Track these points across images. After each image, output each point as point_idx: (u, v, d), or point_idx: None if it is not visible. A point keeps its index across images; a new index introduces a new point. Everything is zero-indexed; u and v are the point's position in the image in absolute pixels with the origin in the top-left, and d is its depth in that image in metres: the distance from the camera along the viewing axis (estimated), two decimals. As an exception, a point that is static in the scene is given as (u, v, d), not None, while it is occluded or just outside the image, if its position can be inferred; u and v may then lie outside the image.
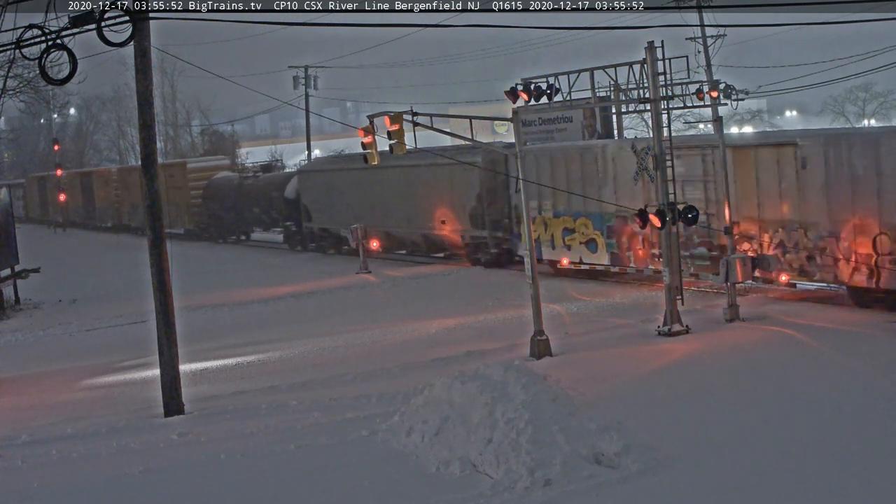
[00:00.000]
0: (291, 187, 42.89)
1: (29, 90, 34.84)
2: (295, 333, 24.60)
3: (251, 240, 49.27)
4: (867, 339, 18.93)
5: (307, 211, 41.52)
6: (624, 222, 26.88)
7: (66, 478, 14.28)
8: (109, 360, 23.39)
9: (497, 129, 73.63)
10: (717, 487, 12.06)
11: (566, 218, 29.29)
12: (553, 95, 21.64)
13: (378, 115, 20.36)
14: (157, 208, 17.65)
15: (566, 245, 29.30)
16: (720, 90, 37.82)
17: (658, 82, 20.79)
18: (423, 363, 19.80)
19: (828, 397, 15.32)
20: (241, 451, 14.81)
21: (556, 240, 29.62)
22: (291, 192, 42.67)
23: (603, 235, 28.10)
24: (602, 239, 28.14)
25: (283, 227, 44.31)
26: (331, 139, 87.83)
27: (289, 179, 44.08)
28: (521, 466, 12.50)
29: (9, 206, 34.61)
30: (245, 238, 49.45)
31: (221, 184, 49.41)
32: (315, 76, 65.75)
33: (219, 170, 52.77)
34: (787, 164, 22.89)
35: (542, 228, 29.63)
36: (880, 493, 11.59)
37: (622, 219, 26.87)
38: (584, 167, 28.33)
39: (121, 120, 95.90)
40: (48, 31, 14.72)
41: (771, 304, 23.27)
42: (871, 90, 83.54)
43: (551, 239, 29.69)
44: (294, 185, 42.91)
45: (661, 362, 18.50)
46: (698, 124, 44.02)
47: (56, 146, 75.58)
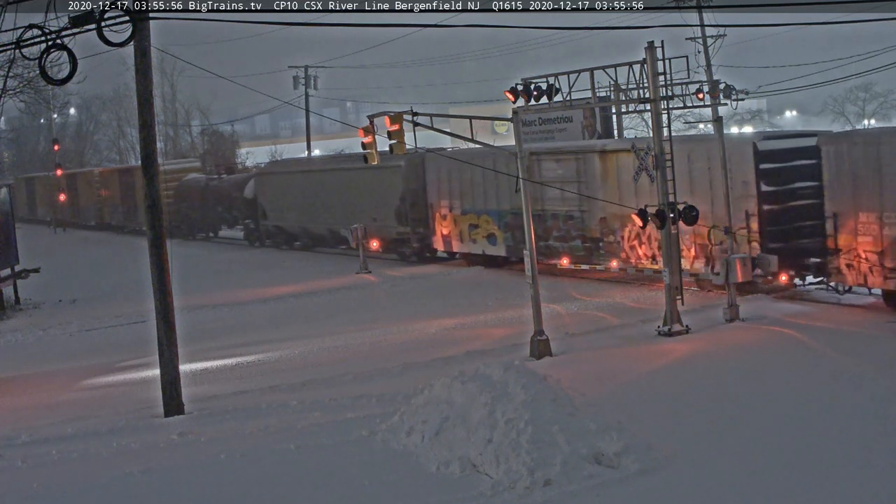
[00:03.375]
0: (250, 188, 46.55)
1: (29, 90, 34.82)
2: (295, 333, 24.60)
3: (219, 237, 52.31)
4: (867, 339, 18.94)
5: (263, 210, 45.17)
6: (516, 218, 28.53)
7: (66, 478, 14.27)
8: (109, 360, 23.38)
9: (497, 129, 73.52)
10: (717, 487, 12.06)
11: (471, 215, 32.61)
12: (553, 95, 21.62)
13: (378, 115, 20.37)
14: (158, 208, 17.65)
15: (472, 239, 32.77)
16: (720, 90, 37.84)
17: (658, 82, 20.80)
18: (423, 363, 19.80)
19: (827, 397, 15.33)
20: (241, 451, 14.80)
21: (463, 234, 33.10)
22: (250, 192, 46.34)
23: (501, 230, 31.26)
24: (500, 233, 31.38)
25: (243, 224, 48.10)
26: (331, 139, 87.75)
27: (248, 181, 47.70)
28: (521, 466, 12.50)
29: (9, 206, 34.60)
30: (213, 235, 52.68)
31: (191, 185, 52.81)
32: (315, 76, 65.69)
33: (189, 172, 55.74)
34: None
35: (453, 224, 33.27)
36: (880, 492, 11.59)
37: (515, 215, 28.86)
38: (484, 172, 30.35)
39: (121, 120, 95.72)
40: (48, 31, 14.71)
41: (771, 304, 23.27)
42: (871, 90, 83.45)
43: (460, 234, 33.22)
44: (252, 186, 46.52)
45: (661, 362, 18.51)
46: (698, 124, 44.06)
47: (56, 146, 75.52)
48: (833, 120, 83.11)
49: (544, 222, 29.27)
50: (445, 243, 34.35)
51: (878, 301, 21.89)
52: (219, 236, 52.15)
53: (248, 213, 46.80)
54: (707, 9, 40.97)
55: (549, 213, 29.48)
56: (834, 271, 21.94)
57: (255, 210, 45.75)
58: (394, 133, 19.63)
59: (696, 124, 44.41)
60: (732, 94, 38.96)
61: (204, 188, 50.95)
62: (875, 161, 20.76)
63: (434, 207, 34.38)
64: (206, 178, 53.11)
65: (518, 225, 28.56)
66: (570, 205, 28.60)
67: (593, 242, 28.17)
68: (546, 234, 29.48)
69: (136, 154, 79.07)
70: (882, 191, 20.61)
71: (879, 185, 20.69)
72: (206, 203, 50.63)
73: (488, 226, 31.97)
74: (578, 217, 28.57)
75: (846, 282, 21.87)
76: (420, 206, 34.97)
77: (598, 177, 27.72)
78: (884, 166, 20.56)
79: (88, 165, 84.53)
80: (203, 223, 52.07)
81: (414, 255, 35.79)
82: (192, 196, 51.95)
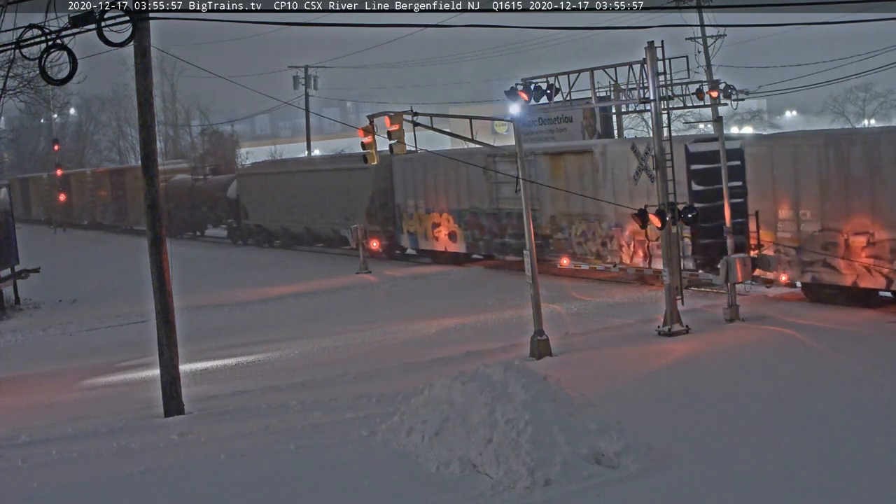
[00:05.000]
0: (232, 189, 48.60)
1: (29, 90, 34.78)
2: (295, 333, 24.61)
3: (205, 235, 53.74)
4: (866, 340, 18.94)
5: (245, 210, 47.27)
6: (475, 217, 32.25)
7: (66, 478, 14.27)
8: (109, 360, 23.39)
9: (497, 130, 73.50)
10: (717, 487, 12.06)
11: (434, 214, 34.57)
12: (553, 95, 21.61)
13: (378, 115, 20.37)
14: (158, 208, 17.64)
15: (434, 237, 34.59)
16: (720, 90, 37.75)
17: (658, 82, 20.81)
18: (423, 363, 19.80)
19: (827, 397, 15.33)
20: (241, 451, 14.80)
21: (427, 232, 34.94)
22: (233, 192, 48.42)
23: (461, 228, 33.44)
24: (460, 231, 33.49)
25: (226, 223, 50.24)
26: (331, 139, 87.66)
27: (231, 182, 49.63)
28: (521, 466, 12.50)
29: (9, 205, 34.59)
30: (200, 234, 54.08)
31: (178, 185, 54.21)
32: (315, 76, 65.56)
33: (177, 173, 57.09)
34: (585, 167, 28.23)
35: (418, 223, 35.11)
36: (879, 492, 11.60)
37: (474, 214, 32.28)
38: (446, 173, 33.21)
39: (121, 120, 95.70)
40: (48, 31, 14.71)
41: (771, 304, 23.29)
42: (871, 90, 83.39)
43: (424, 231, 35.00)
44: (234, 187, 48.54)
45: (661, 362, 18.51)
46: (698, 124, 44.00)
47: (56, 146, 75.56)
48: (833, 120, 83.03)
49: (499, 220, 31.37)
50: (412, 241, 36.31)
51: (798, 292, 23.75)
52: (205, 235, 53.74)
53: (231, 212, 48.77)
54: (707, 9, 40.82)
55: (503, 212, 31.35)
56: (758, 265, 23.35)
57: (238, 210, 47.79)
58: (394, 133, 19.62)
59: (696, 124, 44.37)
60: (732, 94, 38.89)
61: (190, 189, 52.86)
62: (792, 162, 22.64)
63: (401, 207, 36.34)
64: (193, 178, 54.97)
65: (475, 223, 32.89)
66: (522, 204, 29.08)
67: (544, 239, 29.53)
68: (502, 231, 31.52)
69: (136, 154, 79.15)
70: (798, 190, 22.47)
71: (795, 185, 22.54)
72: (192, 203, 52.43)
73: (449, 224, 33.98)
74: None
75: (769, 276, 23.39)
76: (388, 206, 36.93)
77: (548, 177, 29.08)
78: (799, 167, 22.51)
79: (88, 165, 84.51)
80: (190, 222, 53.51)
81: (383, 253, 37.11)
82: (180, 196, 53.35)
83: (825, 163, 22.01)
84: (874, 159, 21.14)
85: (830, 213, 21.90)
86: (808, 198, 22.30)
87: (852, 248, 21.41)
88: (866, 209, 21.25)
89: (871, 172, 21.17)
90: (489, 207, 31.98)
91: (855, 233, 21.38)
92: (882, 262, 20.91)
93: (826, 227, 22.00)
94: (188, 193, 53.03)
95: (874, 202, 21.14)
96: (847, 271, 21.61)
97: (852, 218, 21.49)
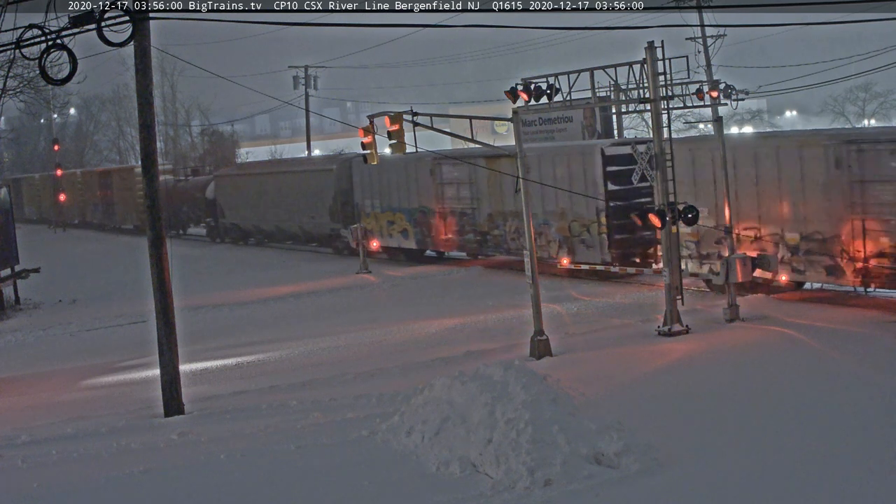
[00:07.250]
0: (210, 189, 50.56)
1: (29, 90, 34.79)
2: (295, 333, 24.61)
3: (187, 233, 55.11)
4: (866, 339, 18.94)
5: (221, 209, 49.28)
6: (424, 215, 34.49)
7: (66, 478, 14.26)
8: (109, 360, 23.40)
9: (497, 130, 73.56)
10: (717, 487, 12.06)
11: (388, 212, 36.50)
12: (553, 95, 21.60)
13: (378, 115, 20.37)
14: (158, 208, 17.64)
15: (389, 234, 36.42)
16: (720, 90, 37.79)
17: (658, 82, 20.79)
18: (423, 363, 19.80)
19: (827, 397, 15.33)
20: (241, 451, 14.80)
21: (383, 230, 36.71)
22: (210, 192, 50.45)
23: (412, 225, 35.30)
24: (411, 228, 35.38)
25: (205, 222, 52.34)
26: (331, 139, 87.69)
27: (209, 182, 51.61)
28: (521, 466, 12.50)
29: (9, 205, 34.58)
30: (182, 232, 55.30)
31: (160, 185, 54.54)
32: (315, 76, 65.59)
33: (161, 174, 55.96)
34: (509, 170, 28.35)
35: (374, 221, 36.84)
36: (879, 492, 11.60)
37: (423, 212, 34.48)
38: (398, 174, 35.31)
39: (121, 120, 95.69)
40: (48, 31, 14.71)
41: (771, 304, 23.28)
42: (871, 90, 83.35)
43: (380, 229, 36.74)
44: (212, 187, 50.48)
45: (661, 362, 18.50)
46: (698, 124, 44.03)
47: (56, 146, 75.59)
48: (833, 120, 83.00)
49: (444, 219, 33.65)
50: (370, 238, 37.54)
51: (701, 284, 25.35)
52: (187, 233, 55.21)
53: (209, 211, 50.92)
54: (707, 9, 40.96)
55: (448, 211, 33.49)
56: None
57: (215, 209, 49.88)
58: (394, 133, 19.62)
59: (696, 124, 44.39)
60: (732, 94, 38.95)
61: (172, 189, 54.18)
62: (690, 163, 24.52)
63: (359, 206, 38.07)
64: (175, 179, 56.83)
65: (424, 221, 34.82)
66: (464, 203, 32.77)
67: (482, 236, 32.13)
68: (447, 228, 33.70)
69: (136, 154, 79.16)
70: (695, 189, 24.33)
71: (693, 184, 24.43)
72: (173, 202, 53.74)
73: (402, 222, 35.98)
74: (470, 214, 32.65)
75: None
76: (349, 205, 38.78)
77: (486, 180, 31.39)
78: (696, 168, 24.63)
79: (88, 166, 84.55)
80: (173, 221, 55.21)
81: (346, 249, 38.50)
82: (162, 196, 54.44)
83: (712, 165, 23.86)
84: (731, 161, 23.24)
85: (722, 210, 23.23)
86: (704, 196, 24.22)
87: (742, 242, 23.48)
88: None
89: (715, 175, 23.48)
90: (436, 206, 34.06)
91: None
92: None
93: (719, 223, 23.67)
94: (169, 194, 54.22)
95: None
96: None
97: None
